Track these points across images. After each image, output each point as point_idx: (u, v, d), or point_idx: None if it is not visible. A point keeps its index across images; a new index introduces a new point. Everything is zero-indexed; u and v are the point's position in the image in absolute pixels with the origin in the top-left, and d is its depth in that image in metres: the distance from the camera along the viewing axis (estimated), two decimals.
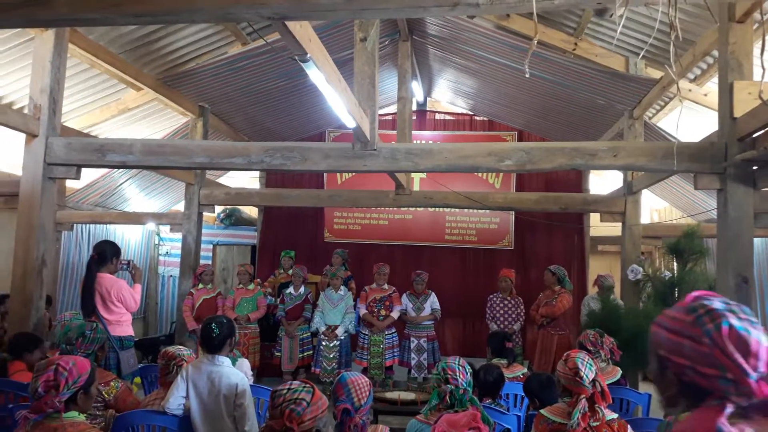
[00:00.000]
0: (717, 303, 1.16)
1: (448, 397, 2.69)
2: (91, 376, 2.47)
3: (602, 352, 4.04)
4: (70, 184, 7.30)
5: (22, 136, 4.67)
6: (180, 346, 3.74)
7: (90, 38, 5.01)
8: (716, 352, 1.11)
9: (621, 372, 4.11)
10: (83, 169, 5.02)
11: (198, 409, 3.17)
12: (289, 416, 2.12)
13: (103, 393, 3.37)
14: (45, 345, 4.17)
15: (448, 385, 2.73)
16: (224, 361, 3.25)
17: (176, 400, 3.18)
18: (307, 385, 2.26)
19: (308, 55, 2.75)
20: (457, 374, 2.78)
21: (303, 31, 2.67)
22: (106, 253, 4.75)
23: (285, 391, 2.21)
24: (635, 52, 5.56)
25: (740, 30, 3.86)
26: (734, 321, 1.12)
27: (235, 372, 3.27)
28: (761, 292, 6.10)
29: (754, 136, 3.74)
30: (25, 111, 4.69)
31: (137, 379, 5.34)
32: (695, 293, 1.22)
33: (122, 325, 4.69)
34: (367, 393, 2.48)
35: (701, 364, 1.12)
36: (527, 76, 2.77)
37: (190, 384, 3.18)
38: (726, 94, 3.91)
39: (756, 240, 5.43)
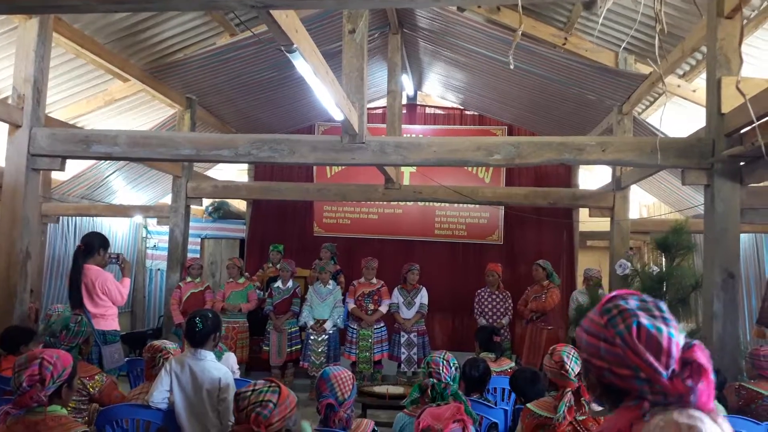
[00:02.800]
0: (631, 302, 1.16)
1: (429, 391, 2.68)
2: (73, 369, 2.44)
3: None
4: (55, 176, 7.22)
5: (5, 126, 4.60)
6: (165, 340, 3.71)
7: (75, 27, 4.94)
8: (628, 352, 1.11)
9: None
10: (69, 161, 4.97)
11: (182, 403, 3.15)
12: (256, 420, 2.02)
13: (88, 387, 3.34)
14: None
15: (431, 379, 2.72)
16: (207, 355, 3.22)
17: (160, 393, 3.15)
18: (273, 384, 2.16)
19: (294, 46, 2.72)
20: (441, 368, 2.77)
21: (289, 20, 2.63)
22: (93, 245, 4.69)
23: (249, 393, 2.10)
24: (625, 48, 5.56)
25: (729, 25, 3.86)
26: (644, 320, 1.12)
27: (218, 366, 3.24)
28: (747, 288, 6.14)
29: (742, 132, 3.75)
30: (9, 101, 4.62)
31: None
32: (613, 293, 1.22)
33: (106, 318, 4.63)
34: (351, 387, 2.47)
35: (616, 366, 1.13)
36: (511, 67, 2.75)
37: (174, 378, 3.15)
38: (714, 89, 3.91)
39: (743, 236, 5.47)
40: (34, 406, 2.27)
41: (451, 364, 2.90)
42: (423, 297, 6.84)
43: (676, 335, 1.12)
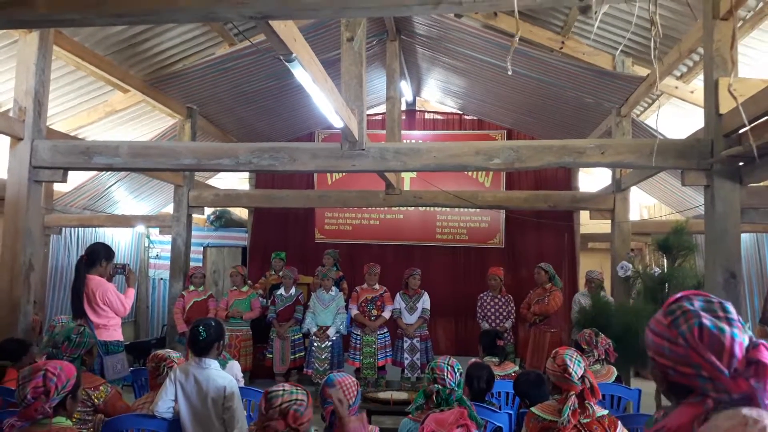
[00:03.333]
0: (696, 303, 1.20)
1: (434, 397, 2.69)
2: (77, 380, 2.45)
3: (596, 352, 4.04)
4: (57, 187, 7.25)
5: (7, 139, 4.63)
6: (169, 350, 3.72)
7: (75, 40, 4.98)
8: (690, 352, 1.15)
9: (617, 374, 4.11)
10: (71, 172, 4.99)
11: (187, 412, 3.15)
12: (294, 416, 2.13)
13: (93, 397, 3.34)
14: (33, 350, 4.13)
15: (435, 385, 2.72)
16: (211, 363, 3.23)
17: (165, 403, 3.16)
18: (299, 388, 2.27)
19: (293, 55, 2.74)
20: (445, 374, 2.77)
21: (287, 30, 2.66)
22: (95, 255, 4.71)
23: (282, 393, 2.21)
24: (622, 50, 5.58)
25: (725, 27, 3.87)
26: (707, 321, 1.15)
27: (222, 374, 3.25)
28: (749, 287, 6.14)
29: (740, 132, 3.76)
30: (10, 114, 4.65)
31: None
32: (679, 294, 1.25)
33: (108, 329, 4.64)
34: (355, 393, 2.48)
35: (680, 364, 1.17)
36: (509, 73, 2.77)
37: (179, 387, 3.16)
38: (711, 90, 3.92)
39: (744, 235, 5.48)
40: (39, 418, 2.27)
41: (456, 370, 2.90)
42: (425, 302, 6.84)
43: (739, 335, 1.14)
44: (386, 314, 6.72)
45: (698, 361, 1.14)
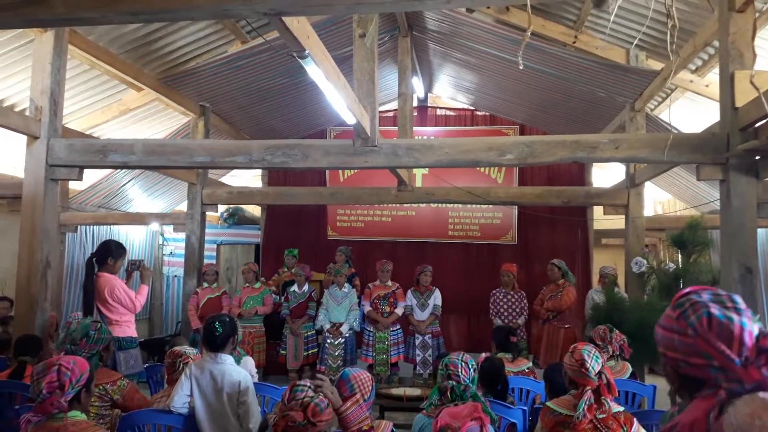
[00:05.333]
0: (704, 296, 1.20)
1: (449, 393, 2.69)
2: (91, 374, 2.48)
3: (610, 348, 4.03)
4: (73, 185, 7.32)
5: (24, 138, 4.69)
6: (186, 346, 3.75)
7: (90, 39, 5.02)
8: (700, 342, 1.15)
9: (631, 370, 4.10)
10: (86, 171, 5.04)
11: (202, 408, 3.18)
12: (313, 410, 2.17)
13: (110, 392, 3.38)
14: (51, 346, 4.19)
15: (450, 381, 2.73)
16: (227, 359, 3.26)
17: (181, 398, 3.19)
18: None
19: (306, 52, 2.75)
20: (459, 370, 2.78)
21: (300, 27, 2.67)
22: (104, 253, 4.77)
23: (307, 389, 2.27)
24: (636, 44, 5.53)
25: (741, 19, 3.83)
26: (715, 310, 1.16)
27: (238, 370, 3.27)
28: (766, 283, 6.07)
29: (756, 126, 3.72)
30: (27, 113, 4.70)
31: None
32: (687, 289, 1.26)
33: (121, 325, 4.69)
34: (370, 388, 2.49)
35: (690, 356, 1.17)
36: (521, 67, 2.76)
37: (194, 382, 3.19)
38: (727, 84, 3.88)
39: (760, 230, 5.41)
40: (54, 412, 2.30)
41: (470, 366, 2.90)
42: (436, 298, 6.84)
43: (749, 324, 1.15)
44: (399, 311, 6.74)
45: (708, 350, 1.14)
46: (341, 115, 3.96)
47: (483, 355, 3.82)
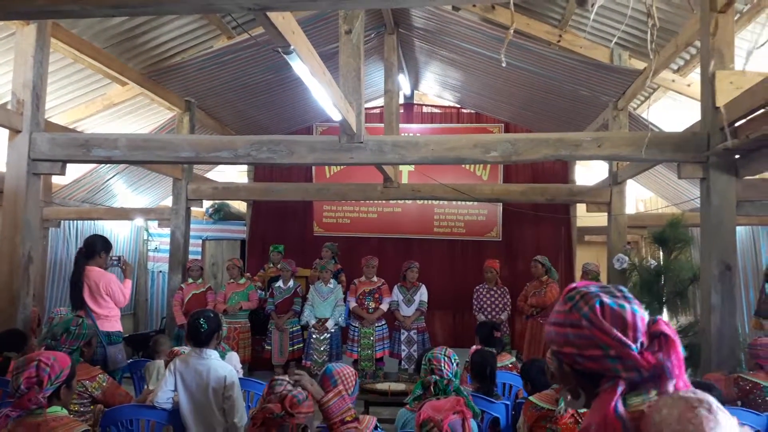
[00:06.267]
0: (592, 288, 1.19)
1: (432, 387, 2.72)
2: (72, 370, 2.46)
3: None
4: (56, 180, 7.25)
5: (5, 132, 4.63)
6: (184, 346, 3.75)
7: (73, 32, 4.97)
8: (595, 331, 1.13)
9: None
10: (69, 165, 5.00)
11: (187, 403, 3.18)
12: (291, 401, 2.18)
13: (90, 388, 3.35)
14: (32, 342, 4.15)
15: (433, 376, 2.75)
16: (212, 354, 3.26)
17: (165, 394, 3.19)
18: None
19: (291, 47, 2.75)
20: (443, 365, 2.80)
21: (286, 22, 2.67)
22: (94, 246, 4.73)
23: (285, 383, 2.30)
24: (619, 44, 5.59)
25: (722, 20, 3.89)
26: (606, 299, 1.15)
27: (223, 365, 3.28)
28: (745, 280, 6.17)
29: (736, 125, 3.78)
30: (8, 107, 4.65)
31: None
32: (572, 284, 1.24)
33: (110, 320, 4.68)
34: (354, 382, 2.51)
35: (585, 348, 1.14)
36: (503, 65, 2.78)
37: (179, 378, 3.19)
38: (708, 83, 3.94)
39: (739, 228, 5.50)
40: (33, 408, 2.29)
41: (452, 360, 2.93)
42: (422, 294, 6.88)
43: (640, 310, 1.14)
44: (384, 307, 6.76)
45: (605, 339, 1.12)
46: (327, 111, 3.96)
47: (473, 347, 3.85)
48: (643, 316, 1.14)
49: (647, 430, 1.03)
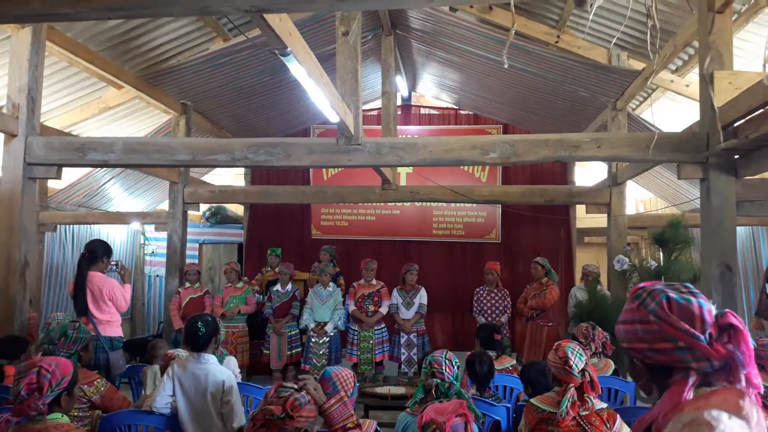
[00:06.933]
0: (658, 285, 1.23)
1: (433, 391, 2.69)
2: (74, 377, 2.44)
3: (593, 345, 4.06)
4: (52, 184, 7.21)
5: (1, 136, 4.60)
6: (179, 349, 3.71)
7: (68, 36, 4.94)
8: (663, 325, 1.17)
9: (614, 367, 4.13)
10: (65, 169, 4.97)
11: (185, 408, 3.15)
12: (292, 404, 2.16)
13: (88, 393, 3.33)
14: (30, 347, 4.11)
15: (434, 379, 2.73)
16: (210, 358, 3.23)
17: (163, 399, 3.16)
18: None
19: (288, 49, 2.73)
20: (443, 368, 2.78)
21: (282, 24, 2.64)
22: (97, 252, 4.71)
23: (292, 391, 2.28)
24: (617, 44, 5.58)
25: (720, 20, 3.88)
26: (672, 294, 1.19)
27: (221, 369, 3.25)
28: (745, 280, 6.16)
29: (735, 125, 3.77)
30: (4, 110, 4.62)
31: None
32: (640, 284, 1.28)
33: (113, 325, 4.65)
34: (352, 385, 2.48)
35: (655, 342, 1.18)
36: (505, 66, 2.76)
37: (177, 382, 3.16)
38: (706, 84, 3.93)
39: (739, 228, 5.49)
40: (33, 414, 2.26)
41: (453, 363, 2.90)
42: (422, 297, 6.85)
43: (706, 304, 1.17)
44: (383, 310, 6.73)
45: (673, 332, 1.15)
46: (324, 113, 3.94)
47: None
48: (710, 309, 1.17)
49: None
